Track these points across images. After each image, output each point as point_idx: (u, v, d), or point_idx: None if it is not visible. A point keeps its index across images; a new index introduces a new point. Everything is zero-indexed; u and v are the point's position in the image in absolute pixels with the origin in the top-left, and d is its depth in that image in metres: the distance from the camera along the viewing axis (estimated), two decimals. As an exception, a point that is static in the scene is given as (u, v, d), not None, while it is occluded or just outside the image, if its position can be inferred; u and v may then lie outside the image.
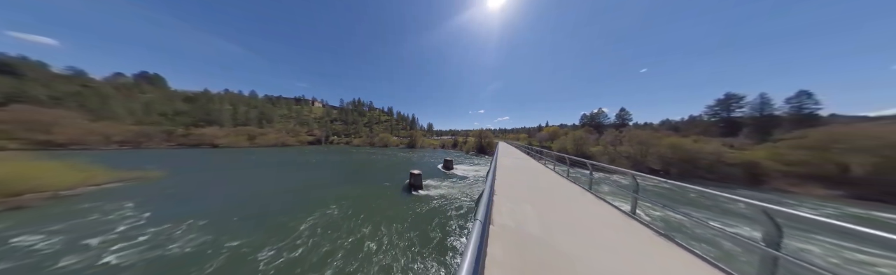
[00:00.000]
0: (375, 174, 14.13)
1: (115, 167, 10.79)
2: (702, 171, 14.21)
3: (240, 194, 8.86)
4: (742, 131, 21.60)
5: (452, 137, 53.21)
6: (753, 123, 22.29)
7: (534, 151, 11.53)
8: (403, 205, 7.66)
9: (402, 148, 42.97)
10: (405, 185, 10.26)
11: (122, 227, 5.69)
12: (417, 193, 9.08)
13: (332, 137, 59.93)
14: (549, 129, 38.73)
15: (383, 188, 9.96)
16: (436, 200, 8.30)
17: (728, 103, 24.26)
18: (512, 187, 4.15)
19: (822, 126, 15.65)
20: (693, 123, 26.31)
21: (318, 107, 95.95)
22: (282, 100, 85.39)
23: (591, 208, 3.16)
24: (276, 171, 15.04)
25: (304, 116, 72.25)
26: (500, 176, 5.14)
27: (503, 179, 4.89)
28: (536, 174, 5.81)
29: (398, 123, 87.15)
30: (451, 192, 9.46)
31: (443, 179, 12.21)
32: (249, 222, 6.12)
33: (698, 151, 15.34)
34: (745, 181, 12.65)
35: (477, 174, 14.32)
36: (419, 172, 9.91)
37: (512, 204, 3.11)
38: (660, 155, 16.99)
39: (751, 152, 14.62)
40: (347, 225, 5.95)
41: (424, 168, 15.47)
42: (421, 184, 9.83)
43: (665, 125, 30.18)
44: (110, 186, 9.26)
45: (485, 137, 34.11)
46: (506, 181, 4.65)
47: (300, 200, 8.18)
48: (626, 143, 19.91)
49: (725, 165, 14.04)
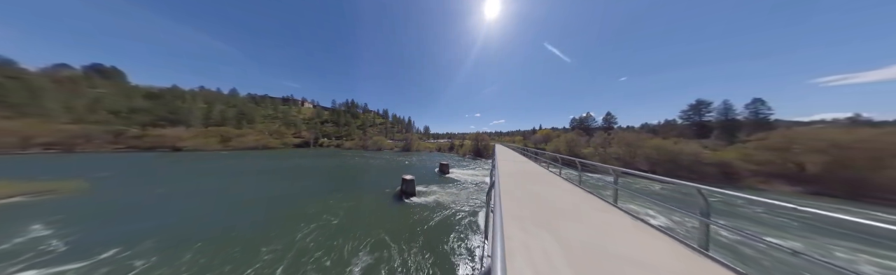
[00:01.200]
0: (365, 180, 13.25)
1: (28, 176, 9.17)
2: (684, 170, 15.63)
3: (197, 209, 7.49)
4: (713, 133, 24.12)
5: (449, 140, 53.36)
6: (721, 126, 25.01)
7: (532, 154, 11.49)
8: (393, 216, 7.04)
9: (397, 151, 42.22)
10: (397, 192, 9.65)
11: (16, 259, 4.22)
12: (410, 201, 8.54)
13: (322, 140, 57.30)
14: (543, 131, 40.39)
15: (372, 196, 9.27)
16: (430, 209, 7.76)
17: (699, 108, 27.04)
18: (520, 208, 3.33)
19: (774, 129, 18.12)
20: (669, 126, 28.94)
21: (307, 107, 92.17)
22: (267, 99, 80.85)
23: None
24: (253, 178, 13.47)
25: (292, 117, 68.62)
26: (506, 197, 4.09)
27: (509, 201, 3.83)
28: (544, 183, 5.16)
29: (394, 126, 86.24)
30: (447, 199, 8.99)
31: (438, 185, 11.74)
32: (202, 247, 4.85)
33: (679, 152, 16.88)
34: (720, 179, 14.15)
35: (473, 179, 13.93)
36: (412, 178, 9.38)
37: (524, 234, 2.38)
38: (646, 156, 18.44)
39: (722, 153, 16.39)
40: (326, 245, 5.05)
41: (419, 173, 15.03)
42: (414, 190, 9.34)
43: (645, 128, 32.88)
44: (12, 202, 7.48)
45: (481, 140, 34.54)
46: (513, 203, 3.74)
47: (274, 214, 7.11)
48: (614, 145, 21.37)
49: (703, 164, 15.62)
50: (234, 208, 7.70)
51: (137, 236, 5.34)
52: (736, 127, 24.09)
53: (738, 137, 20.64)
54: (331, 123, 73.83)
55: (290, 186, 11.39)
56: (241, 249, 4.88)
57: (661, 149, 17.73)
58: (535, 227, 2.61)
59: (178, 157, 24.79)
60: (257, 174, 14.91)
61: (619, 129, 31.65)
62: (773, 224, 6.75)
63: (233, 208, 7.70)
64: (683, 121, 27.98)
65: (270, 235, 5.56)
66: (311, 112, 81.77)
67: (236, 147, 37.98)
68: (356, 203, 8.32)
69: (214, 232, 5.74)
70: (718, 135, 23.52)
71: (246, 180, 12.66)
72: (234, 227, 6.07)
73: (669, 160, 16.85)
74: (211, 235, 5.57)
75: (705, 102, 26.81)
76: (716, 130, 24.70)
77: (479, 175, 15.46)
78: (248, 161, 21.88)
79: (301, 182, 12.38)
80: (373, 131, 72.18)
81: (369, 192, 10.09)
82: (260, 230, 5.85)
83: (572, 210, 3.14)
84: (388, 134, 74.56)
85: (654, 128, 30.98)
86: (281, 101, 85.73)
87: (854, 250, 5.21)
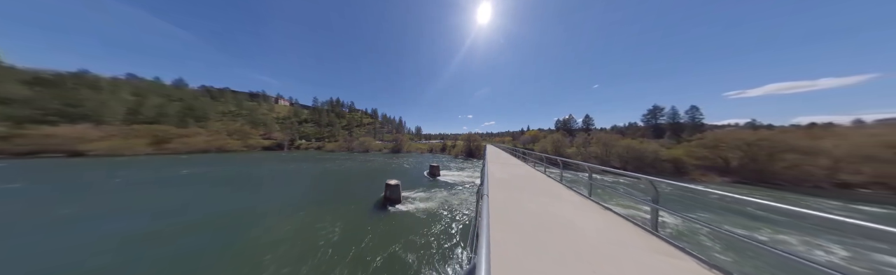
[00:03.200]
0: (345, 186, 11.94)
1: None
2: (648, 166, 19.42)
3: (90, 239, 5.44)
4: (666, 134, 29.54)
5: (441, 141, 54.02)
6: (671, 127, 30.75)
7: (521, 154, 11.88)
8: (373, 230, 6.16)
9: (386, 153, 40.88)
10: (380, 199, 8.92)
11: None
12: (394, 210, 7.85)
13: (300, 142, 53.01)
14: (531, 132, 44.06)
15: (350, 207, 8.16)
16: (416, 219, 7.10)
17: (655, 113, 32.75)
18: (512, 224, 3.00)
19: (705, 131, 23.40)
20: (633, 128, 34.46)
21: (283, 105, 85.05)
22: (228, 93, 70.82)
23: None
24: (193, 189, 10.75)
25: (261, 115, 61.73)
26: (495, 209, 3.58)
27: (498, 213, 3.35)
28: (537, 186, 4.89)
29: (383, 126, 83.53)
30: (436, 206, 8.43)
31: (427, 189, 11.08)
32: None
33: (644, 151, 20.82)
34: (673, 173, 18.05)
35: (465, 181, 13.59)
36: (397, 183, 8.75)
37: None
38: (618, 155, 22.19)
39: (673, 150, 20.71)
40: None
41: (407, 176, 14.76)
42: (399, 197, 8.78)
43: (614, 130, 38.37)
44: None
45: (473, 141, 36.09)
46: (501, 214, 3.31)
47: (211, 245, 5.28)
48: (593, 144, 25.04)
49: (661, 161, 19.61)
50: (176, 235, 5.73)
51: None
52: (681, 129, 29.94)
53: (683, 137, 25.85)
54: (312, 123, 69.75)
55: (243, 199, 9.27)
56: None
57: (631, 148, 21.57)
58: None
59: (76, 165, 18.46)
60: (202, 184, 12.00)
61: (597, 130, 36.65)
62: (702, 206, 8.75)
63: (177, 234, 5.77)
64: (644, 123, 33.60)
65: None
66: (288, 111, 76.11)
67: (177, 150, 31.41)
68: (328, 216, 7.08)
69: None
70: (670, 135, 28.98)
71: (181, 194, 9.90)
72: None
73: (636, 158, 20.68)
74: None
75: (659, 108, 32.67)
76: (668, 131, 30.32)
77: (472, 177, 15.24)
78: (192, 168, 17.73)
79: (260, 193, 10.32)
80: (360, 132, 69.72)
81: (347, 201, 8.95)
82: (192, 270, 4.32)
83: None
84: (377, 135, 72.28)
85: (621, 129, 36.48)
86: (247, 96, 76.88)
87: (750, 220, 7.97)
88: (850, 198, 10.69)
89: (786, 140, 16.00)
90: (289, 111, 75.16)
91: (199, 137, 35.74)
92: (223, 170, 17.15)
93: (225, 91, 72.67)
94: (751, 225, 7.20)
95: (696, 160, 18.27)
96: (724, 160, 17.26)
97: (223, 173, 15.63)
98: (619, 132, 33.23)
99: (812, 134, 17.23)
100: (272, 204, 8.61)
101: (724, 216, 7.90)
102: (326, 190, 11.20)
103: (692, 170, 17.58)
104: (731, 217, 7.84)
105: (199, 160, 23.54)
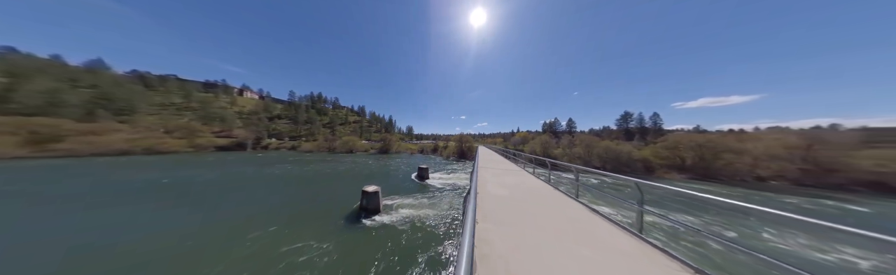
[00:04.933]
0: (314, 195, 10.26)
1: None
2: (624, 166, 23.10)
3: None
4: (635, 137, 34.57)
5: (433, 142, 54.26)
6: (639, 131, 36.02)
7: (512, 155, 11.89)
8: (337, 251, 5.21)
9: (373, 154, 39.49)
10: (354, 210, 7.92)
11: None
12: (370, 223, 6.89)
13: (269, 141, 47.89)
14: (521, 134, 47.34)
15: (317, 222, 6.90)
16: (397, 233, 6.22)
17: (626, 118, 37.98)
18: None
19: (664, 134, 28.33)
20: (607, 131, 39.50)
21: (249, 98, 76.77)
22: (172, 81, 60.16)
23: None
24: (106, 203, 8.33)
25: (219, 109, 53.78)
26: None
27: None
28: (528, 189, 4.73)
29: (371, 125, 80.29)
30: (423, 214, 7.67)
31: (413, 195, 10.28)
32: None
33: (620, 152, 24.59)
34: (643, 171, 21.84)
35: (458, 183, 13.19)
36: (376, 190, 7.79)
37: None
38: (599, 155, 25.81)
39: (642, 151, 24.81)
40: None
41: (392, 180, 14.09)
42: (378, 206, 7.78)
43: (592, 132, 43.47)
44: None
45: (465, 142, 36.86)
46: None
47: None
48: (577, 146, 28.55)
49: (633, 160, 23.45)
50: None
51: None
52: (647, 132, 35.30)
53: (649, 140, 30.71)
54: (287, 120, 64.76)
55: (180, 216, 7.30)
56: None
57: (609, 149, 25.29)
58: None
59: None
60: (119, 195, 9.40)
61: (579, 133, 41.19)
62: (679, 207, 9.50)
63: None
64: (617, 127, 38.73)
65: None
66: (257, 105, 68.12)
67: (76, 152, 24.16)
68: (286, 237, 5.83)
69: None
70: (639, 138, 34.01)
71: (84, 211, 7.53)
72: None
73: (614, 158, 24.39)
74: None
75: (629, 114, 38.06)
76: (636, 135, 35.47)
77: (465, 179, 14.86)
78: (102, 175, 13.70)
79: (202, 207, 8.19)
80: (344, 130, 66.95)
81: (314, 214, 7.63)
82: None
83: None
84: (364, 134, 69.55)
85: (598, 132, 41.50)
86: (200, 86, 66.14)
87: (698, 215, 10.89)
88: (763, 189, 14.68)
89: (724, 142, 20.54)
90: (258, 105, 67.28)
91: (115, 135, 28.50)
92: (140, 178, 13.12)
93: (167, 78, 60.63)
94: (742, 230, 7.30)
95: (660, 160, 22.31)
96: (682, 159, 21.45)
97: (134, 183, 11.75)
98: (596, 135, 37.88)
99: (739, 137, 22.24)
100: (217, 219, 6.80)
101: (708, 217, 8.21)
102: (291, 198, 9.44)
103: (658, 168, 21.49)
104: (718, 218, 8.09)
105: (98, 165, 18.25)
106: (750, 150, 19.16)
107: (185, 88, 59.29)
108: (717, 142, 20.75)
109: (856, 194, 13.04)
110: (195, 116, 47.40)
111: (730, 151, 19.86)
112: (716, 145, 20.49)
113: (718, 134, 25.81)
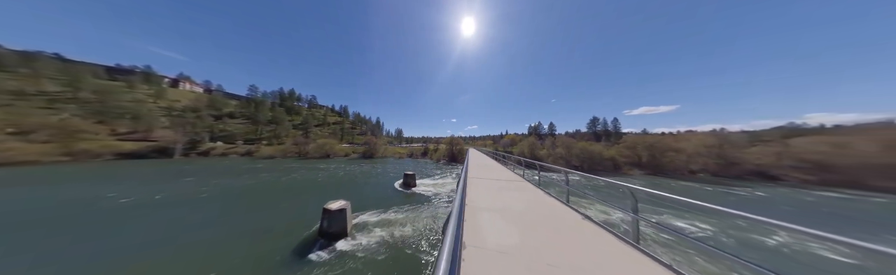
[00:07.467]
0: (261, 216, 8.11)
1: None
2: (597, 164, 28.30)
3: None
4: (602, 139, 41.40)
5: (423, 145, 54.37)
6: (605, 134, 43.18)
7: (501, 157, 11.75)
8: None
9: (355, 158, 36.40)
10: (311, 234, 6.38)
11: None
12: (330, 254, 5.47)
13: (213, 144, 40.55)
14: (509, 136, 51.82)
15: (246, 260, 5.17)
16: (366, 264, 5.00)
17: (594, 122, 45.06)
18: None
19: (623, 136, 35.11)
20: (580, 134, 46.29)
21: (188, 91, 64.82)
22: (47, 61, 43.10)
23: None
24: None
25: (131, 103, 42.59)
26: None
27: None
28: (516, 192, 4.87)
29: (355, 127, 74.87)
30: (402, 235, 6.44)
31: (394, 208, 8.87)
32: None
33: (594, 152, 29.88)
34: (611, 169, 27.16)
35: (449, 191, 12.18)
36: (343, 206, 6.31)
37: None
38: (577, 155, 30.87)
39: (609, 151, 30.53)
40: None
41: (371, 190, 12.43)
42: (344, 228, 6.26)
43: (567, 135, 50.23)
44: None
45: (456, 145, 37.74)
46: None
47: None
48: (559, 146, 33.44)
49: (603, 159, 28.84)
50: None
51: None
52: (610, 134, 42.58)
53: (613, 141, 37.40)
54: (243, 119, 56.59)
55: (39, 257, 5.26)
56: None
57: (585, 150, 30.49)
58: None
59: None
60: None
61: (559, 135, 47.15)
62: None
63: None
64: (588, 130, 45.67)
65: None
66: (197, 99, 55.67)
67: None
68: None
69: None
70: (605, 139, 40.87)
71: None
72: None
73: (589, 158, 29.57)
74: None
75: (597, 119, 45.38)
76: (603, 137, 42.48)
77: (452, 186, 13.67)
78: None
79: (81, 245, 5.87)
80: (322, 133, 61.05)
81: (241, 249, 5.65)
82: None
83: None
84: (346, 136, 64.96)
85: (572, 134, 48.19)
86: (103, 70, 50.53)
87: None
88: (693, 180, 20.30)
89: (668, 142, 26.90)
90: (198, 100, 54.55)
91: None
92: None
93: (38, 56, 43.63)
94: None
95: (623, 158, 28.01)
96: (639, 157, 27.33)
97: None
98: (571, 137, 44.18)
99: (676, 138, 29.21)
100: (104, 258, 5.15)
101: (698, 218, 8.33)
102: (200, 233, 6.71)
103: (623, 166, 27.01)
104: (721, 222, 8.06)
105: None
106: (685, 148, 25.63)
107: (73, 71, 42.84)
108: (663, 142, 27.08)
109: (750, 182, 19.22)
110: (86, 111, 36.40)
111: (672, 149, 26.18)
112: (662, 145, 26.74)
113: (661, 136, 33.27)
